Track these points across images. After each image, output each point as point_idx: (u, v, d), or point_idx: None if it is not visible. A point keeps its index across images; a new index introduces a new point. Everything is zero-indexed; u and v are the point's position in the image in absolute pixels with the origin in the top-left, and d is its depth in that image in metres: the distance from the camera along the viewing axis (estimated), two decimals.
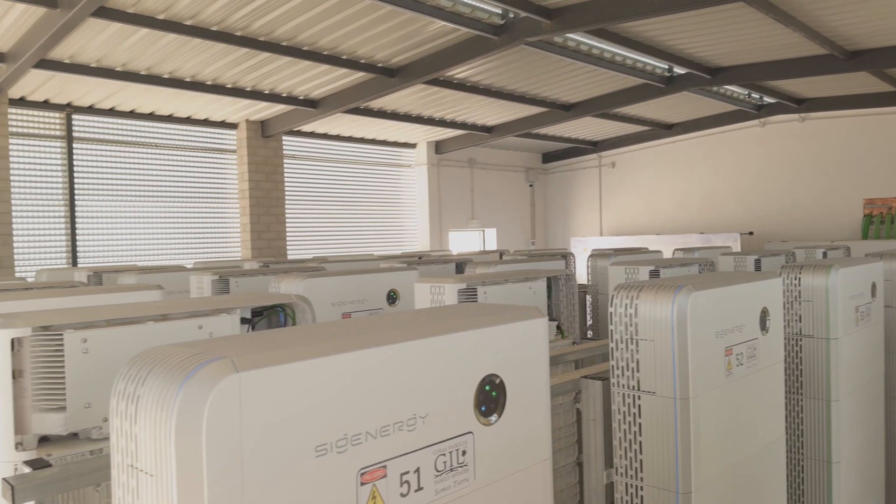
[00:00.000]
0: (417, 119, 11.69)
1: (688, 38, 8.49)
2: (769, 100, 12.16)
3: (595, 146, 15.35)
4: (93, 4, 5.88)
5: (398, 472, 1.32)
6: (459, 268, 5.98)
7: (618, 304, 2.41)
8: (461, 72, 9.32)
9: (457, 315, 1.58)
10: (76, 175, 9.32)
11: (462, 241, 14.68)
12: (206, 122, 10.60)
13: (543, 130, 13.49)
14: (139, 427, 1.08)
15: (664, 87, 10.24)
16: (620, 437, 2.42)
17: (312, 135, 11.98)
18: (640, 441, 2.36)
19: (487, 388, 1.52)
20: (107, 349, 2.03)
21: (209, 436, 1.03)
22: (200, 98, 9.36)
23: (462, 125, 12.48)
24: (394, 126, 12.05)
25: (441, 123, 12.13)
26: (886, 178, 12.06)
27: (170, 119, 10.18)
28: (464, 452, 1.46)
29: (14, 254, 8.54)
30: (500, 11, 7.34)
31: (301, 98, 9.94)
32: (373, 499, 1.27)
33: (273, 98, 9.66)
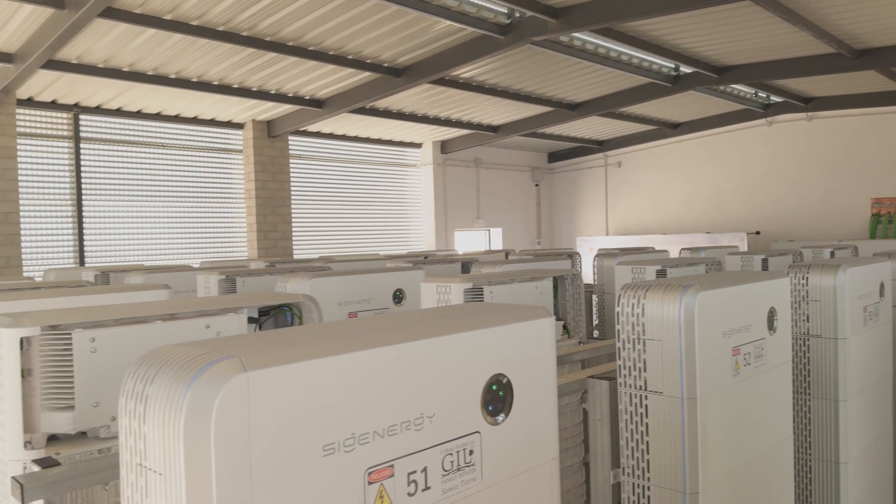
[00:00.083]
0: (423, 119, 11.69)
1: (694, 37, 8.47)
2: (776, 99, 12.11)
3: (601, 145, 15.31)
4: (100, 5, 5.91)
5: (405, 472, 1.32)
6: (465, 267, 5.98)
7: (625, 304, 2.41)
8: (467, 71, 9.31)
9: (463, 315, 1.58)
10: (83, 175, 9.36)
11: (468, 241, 14.66)
12: (213, 122, 10.63)
13: (549, 130, 13.47)
14: (148, 426, 1.09)
15: (670, 87, 10.21)
16: (627, 437, 2.41)
17: (318, 135, 11.99)
18: (647, 441, 2.35)
19: (494, 388, 1.52)
20: (115, 348, 2.04)
21: (218, 434, 1.03)
22: (207, 98, 9.38)
23: (468, 125, 12.47)
24: (399, 126, 12.06)
25: (447, 123, 12.13)
26: (894, 178, 11.99)
27: (176, 119, 10.21)
28: (471, 452, 1.46)
29: (22, 253, 8.58)
30: (506, 11, 7.33)
31: (307, 98, 9.96)
32: (380, 498, 1.27)
33: (279, 98, 9.68)
